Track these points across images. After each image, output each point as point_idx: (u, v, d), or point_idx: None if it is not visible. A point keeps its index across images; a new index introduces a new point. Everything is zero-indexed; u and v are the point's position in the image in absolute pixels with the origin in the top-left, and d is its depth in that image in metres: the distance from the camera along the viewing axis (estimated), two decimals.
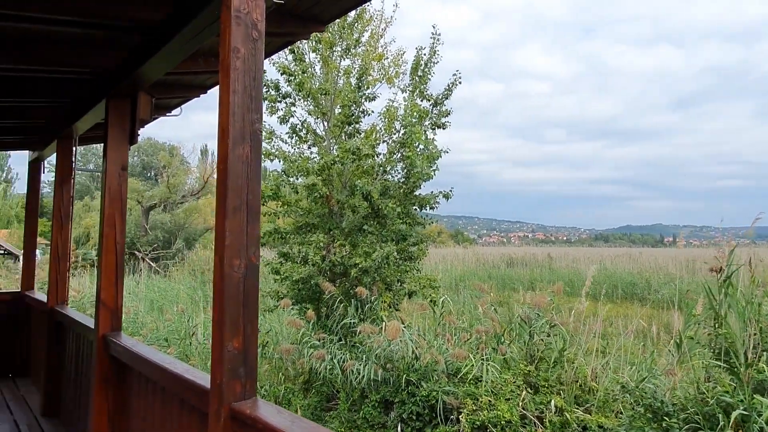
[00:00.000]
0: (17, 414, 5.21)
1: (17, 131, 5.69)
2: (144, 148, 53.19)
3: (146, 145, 53.02)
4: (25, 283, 6.71)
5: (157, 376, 2.88)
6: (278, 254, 11.45)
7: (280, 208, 11.34)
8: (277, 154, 11.21)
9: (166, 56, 2.96)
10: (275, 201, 11.03)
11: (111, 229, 3.64)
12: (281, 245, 11.54)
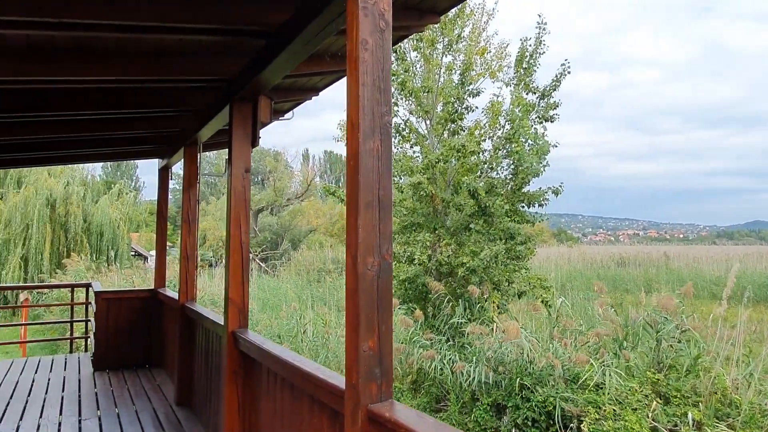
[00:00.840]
0: (155, 402, 5.62)
1: (150, 140, 6.15)
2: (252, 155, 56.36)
3: (254, 152, 56.13)
4: (158, 281, 7.26)
5: (285, 372, 2.92)
6: None
7: None
8: None
9: (287, 59, 3.00)
10: None
11: (237, 230, 3.78)
12: None
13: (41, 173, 19.44)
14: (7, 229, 18.14)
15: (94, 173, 35.85)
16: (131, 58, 3.51)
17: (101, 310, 7.12)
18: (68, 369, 7.10)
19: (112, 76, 3.54)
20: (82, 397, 5.86)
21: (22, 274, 18.18)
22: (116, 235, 20.53)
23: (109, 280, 16.17)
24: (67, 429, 4.87)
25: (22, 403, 5.64)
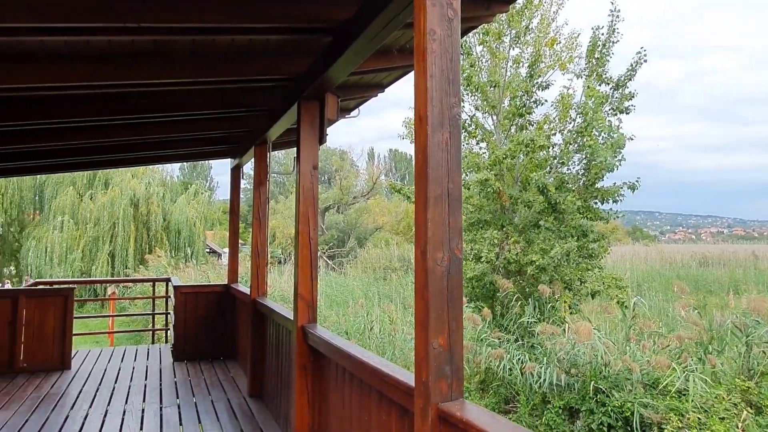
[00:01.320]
0: (229, 393, 5.83)
1: (223, 140, 6.38)
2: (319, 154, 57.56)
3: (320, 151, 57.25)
4: (231, 276, 7.54)
5: (353, 367, 2.92)
6: None
7: None
8: None
9: (353, 55, 3.00)
10: None
11: (305, 226, 3.83)
12: None
13: (125, 174, 20.71)
14: (97, 227, 19.47)
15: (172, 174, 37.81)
16: (205, 60, 3.64)
17: (179, 304, 7.48)
18: (150, 359, 7.51)
19: (187, 78, 3.68)
20: (163, 386, 6.17)
21: (110, 269, 19.46)
22: (192, 233, 21.55)
23: (187, 275, 17.00)
24: (149, 416, 5.14)
25: (110, 389, 6.02)
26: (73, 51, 3.31)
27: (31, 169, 7.60)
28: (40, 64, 3.38)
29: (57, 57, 3.37)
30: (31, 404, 5.46)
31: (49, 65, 3.40)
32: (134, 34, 2.89)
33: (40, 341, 6.86)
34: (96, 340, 12.62)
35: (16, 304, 6.78)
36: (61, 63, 3.41)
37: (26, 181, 19.76)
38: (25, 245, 19.05)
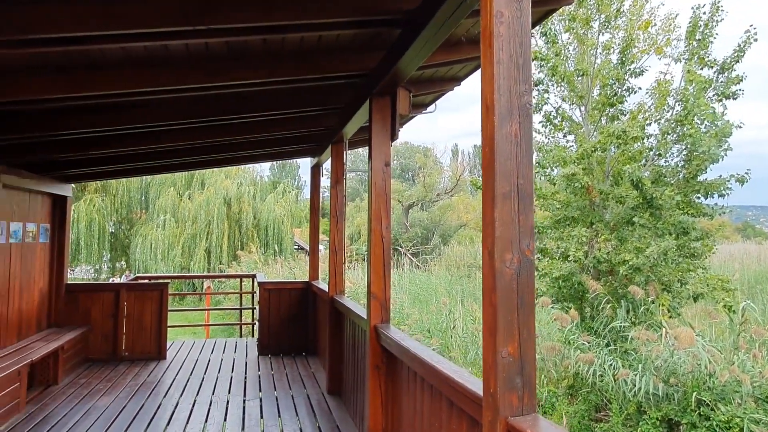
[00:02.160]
0: (309, 389, 5.93)
1: (302, 139, 6.49)
2: (402, 152, 57.78)
3: (404, 148, 57.50)
4: (312, 273, 7.67)
5: (424, 371, 2.82)
6: (535, 250, 10.96)
7: (535, 202, 10.83)
8: None
9: (421, 46, 2.88)
10: None
11: (377, 224, 3.77)
12: (537, 240, 11.03)
13: (219, 175, 21.84)
14: (194, 225, 20.71)
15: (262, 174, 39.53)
16: (277, 59, 3.67)
17: (263, 300, 7.73)
18: (238, 352, 7.82)
19: (262, 78, 3.73)
20: (247, 379, 6.39)
21: (206, 264, 20.63)
22: (281, 230, 22.31)
23: (275, 272, 17.63)
24: (233, 407, 5.33)
25: (199, 380, 6.32)
26: (154, 57, 3.46)
27: (137, 170, 8.15)
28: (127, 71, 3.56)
29: (142, 64, 3.53)
30: (129, 391, 5.85)
31: (137, 71, 3.59)
32: (207, 37, 2.95)
33: (139, 332, 7.35)
34: (194, 332, 13.40)
35: (118, 297, 7.30)
36: (147, 69, 3.58)
37: (134, 183, 21.37)
38: (134, 242, 20.61)
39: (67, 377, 6.33)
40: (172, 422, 4.89)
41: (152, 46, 3.21)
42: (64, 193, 7.06)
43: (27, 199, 6.28)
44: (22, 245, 6.14)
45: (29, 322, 6.34)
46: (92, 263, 20.22)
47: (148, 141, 5.47)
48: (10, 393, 4.93)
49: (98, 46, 2.98)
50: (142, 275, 10.35)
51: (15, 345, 5.82)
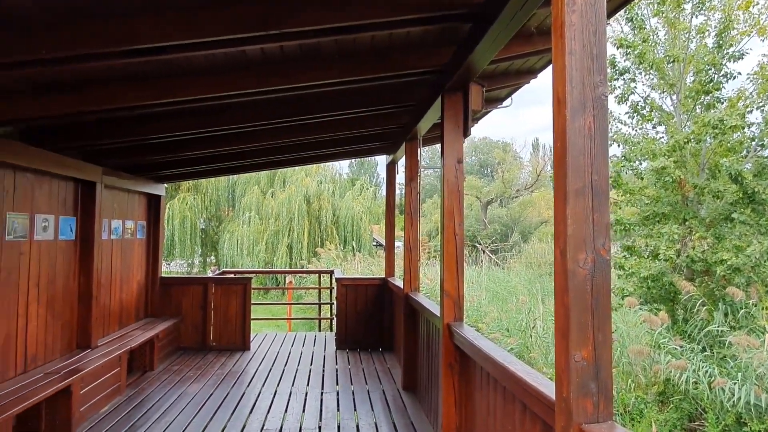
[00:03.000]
0: (385, 384, 5.99)
1: (377, 137, 6.55)
2: (480, 147, 56.87)
3: (482, 144, 56.57)
4: (387, 270, 7.74)
5: (497, 373, 2.76)
6: (621, 248, 10.41)
7: (621, 197, 10.28)
8: (616, 137, 10.20)
9: (493, 39, 2.81)
10: (614, 189, 10.05)
11: (450, 221, 3.73)
12: (624, 238, 10.47)
13: (300, 173, 22.55)
14: (277, 221, 21.53)
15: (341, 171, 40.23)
16: (350, 59, 3.73)
17: (341, 295, 7.89)
18: (317, 345, 8.05)
19: (333, 79, 3.80)
20: (325, 372, 6.56)
21: (288, 260, 21.39)
22: (359, 227, 22.70)
23: (353, 268, 17.96)
24: (311, 399, 5.49)
25: (281, 371, 6.57)
26: (234, 63, 3.62)
27: (222, 170, 8.59)
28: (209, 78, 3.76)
29: (223, 70, 3.71)
30: (216, 379, 6.18)
31: (219, 77, 3.77)
32: (281, 41, 3.05)
33: (225, 323, 7.76)
34: (277, 325, 13.94)
35: (206, 290, 7.74)
36: (228, 74, 3.76)
37: (221, 182, 22.55)
38: (222, 238, 21.77)
39: (162, 364, 6.80)
40: (254, 410, 5.12)
41: (231, 53, 3.36)
42: (158, 192, 7.57)
43: (125, 198, 6.80)
44: (121, 241, 6.66)
45: (129, 312, 6.86)
46: (185, 258, 21.54)
47: (232, 142, 5.74)
48: (112, 376, 5.37)
49: (183, 55, 3.16)
50: (228, 270, 10.91)
51: (117, 332, 6.33)
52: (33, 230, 4.73)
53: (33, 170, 4.68)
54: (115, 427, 4.64)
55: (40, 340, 4.84)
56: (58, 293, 5.14)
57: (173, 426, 4.68)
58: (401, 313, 6.14)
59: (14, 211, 4.46)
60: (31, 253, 4.70)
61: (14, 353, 4.47)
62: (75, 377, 4.51)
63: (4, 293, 4.33)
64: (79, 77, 3.59)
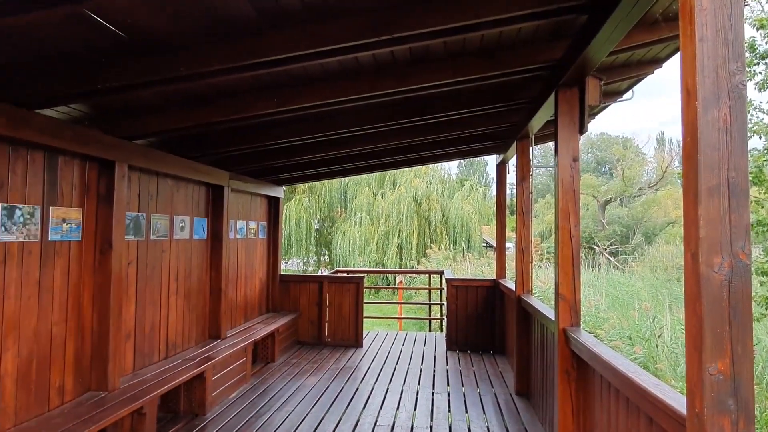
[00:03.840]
0: (496, 388, 5.89)
1: (487, 137, 6.46)
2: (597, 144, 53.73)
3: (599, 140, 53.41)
4: (498, 271, 7.59)
5: (618, 382, 2.61)
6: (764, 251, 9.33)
7: (764, 195, 9.21)
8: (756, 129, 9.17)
9: (612, 30, 2.66)
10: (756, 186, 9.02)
11: (565, 222, 3.59)
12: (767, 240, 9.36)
13: (409, 174, 22.82)
14: (387, 222, 21.97)
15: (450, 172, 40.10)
16: (460, 59, 3.72)
17: (451, 296, 7.87)
18: (427, 345, 8.10)
19: (444, 80, 3.81)
20: (436, 372, 6.58)
21: (398, 260, 21.74)
22: (469, 228, 22.48)
23: (463, 269, 17.82)
24: (422, 399, 5.54)
25: (392, 369, 6.70)
26: (347, 69, 3.77)
27: (335, 173, 8.93)
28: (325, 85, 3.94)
29: (337, 76, 3.88)
30: (332, 373, 6.45)
31: (333, 83, 3.95)
32: (392, 45, 3.12)
33: (339, 320, 8.07)
34: (388, 324, 14.22)
35: (321, 288, 8.10)
36: (342, 81, 3.93)
37: (334, 184, 23.46)
38: (335, 238, 22.65)
39: (282, 356, 7.23)
40: (367, 406, 5.28)
41: (345, 60, 3.50)
42: (277, 194, 8.07)
43: (248, 200, 7.33)
44: (246, 240, 7.18)
45: (252, 307, 7.38)
46: (301, 257, 22.67)
47: (344, 146, 5.97)
48: (239, 366, 5.81)
49: (301, 65, 3.35)
50: (341, 269, 11.31)
51: (242, 325, 6.84)
52: (172, 230, 5.26)
53: (172, 176, 5.20)
54: (243, 413, 5.01)
55: (179, 329, 5.37)
56: (193, 287, 5.66)
57: (293, 415, 4.96)
58: (513, 315, 6.00)
59: (157, 213, 4.99)
60: (171, 251, 5.23)
61: (158, 340, 5.00)
62: (208, 364, 4.94)
63: (151, 286, 4.87)
64: (211, 91, 3.94)
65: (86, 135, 3.77)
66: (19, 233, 3.37)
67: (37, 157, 3.52)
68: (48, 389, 3.62)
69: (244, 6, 2.63)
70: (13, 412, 3.31)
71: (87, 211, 4.02)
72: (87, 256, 4.01)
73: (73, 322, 3.86)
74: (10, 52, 2.85)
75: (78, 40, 2.83)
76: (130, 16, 2.61)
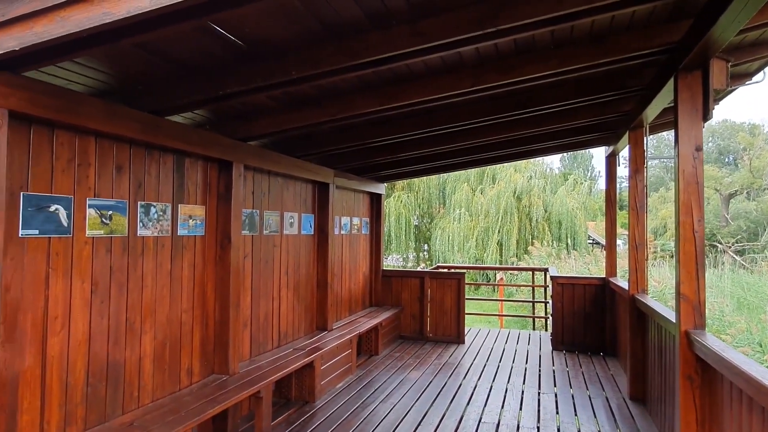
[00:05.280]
0: (608, 391, 5.61)
1: (595, 128, 6.15)
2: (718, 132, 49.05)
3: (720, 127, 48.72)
4: (609, 269, 7.21)
5: (753, 391, 2.38)
6: None
7: None
8: None
9: (741, 6, 2.42)
10: None
11: (687, 217, 3.34)
12: None
13: (509, 169, 22.26)
14: (486, 218, 21.61)
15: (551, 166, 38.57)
16: (567, 48, 3.58)
17: (557, 294, 7.60)
18: (531, 344, 7.89)
19: (550, 70, 3.69)
20: (541, 372, 6.40)
21: (498, 256, 21.32)
22: (573, 224, 21.51)
23: (568, 266, 17.10)
24: (528, 398, 5.41)
25: (495, 367, 6.60)
26: (450, 65, 3.76)
27: (436, 169, 8.94)
28: (428, 81, 3.97)
29: (440, 72, 3.89)
30: (434, 369, 6.49)
31: (436, 80, 3.97)
32: (497, 38, 3.07)
33: (440, 316, 8.08)
34: (488, 321, 14.01)
35: (422, 283, 8.17)
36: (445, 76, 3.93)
37: (433, 180, 23.46)
38: (434, 234, 22.65)
39: (385, 350, 7.38)
40: (471, 403, 5.25)
41: (447, 55, 3.49)
42: (378, 191, 8.23)
43: (352, 197, 7.55)
44: (350, 236, 7.41)
45: (356, 300, 7.61)
46: (400, 253, 22.95)
47: (445, 141, 5.97)
48: (345, 357, 6.02)
49: (405, 62, 3.40)
50: (442, 264, 11.31)
51: (347, 318, 7.08)
52: (282, 226, 5.56)
53: (282, 174, 5.50)
54: (349, 402, 5.19)
55: (289, 320, 5.67)
56: (301, 280, 5.95)
57: (398, 407, 5.06)
58: (626, 316, 5.68)
59: (269, 210, 5.30)
60: (281, 245, 5.53)
61: (271, 329, 5.32)
62: (317, 354, 5.17)
63: (264, 278, 5.18)
64: (318, 92, 4.11)
65: (209, 138, 4.09)
66: (154, 228, 3.74)
67: (168, 160, 3.88)
68: (179, 370, 3.98)
69: (353, 9, 2.72)
70: (151, 389, 3.69)
71: (209, 208, 4.36)
72: (209, 249, 4.36)
73: (198, 310, 4.22)
74: (145, 64, 3.16)
75: (202, 51, 3.09)
76: (248, 25, 2.80)
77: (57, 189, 2.98)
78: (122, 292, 3.45)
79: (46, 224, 2.91)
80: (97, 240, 3.26)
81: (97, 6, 2.14)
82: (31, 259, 2.83)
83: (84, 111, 2.95)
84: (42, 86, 2.73)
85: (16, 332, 2.75)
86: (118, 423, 3.31)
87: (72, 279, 3.08)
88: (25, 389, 2.79)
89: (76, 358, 3.09)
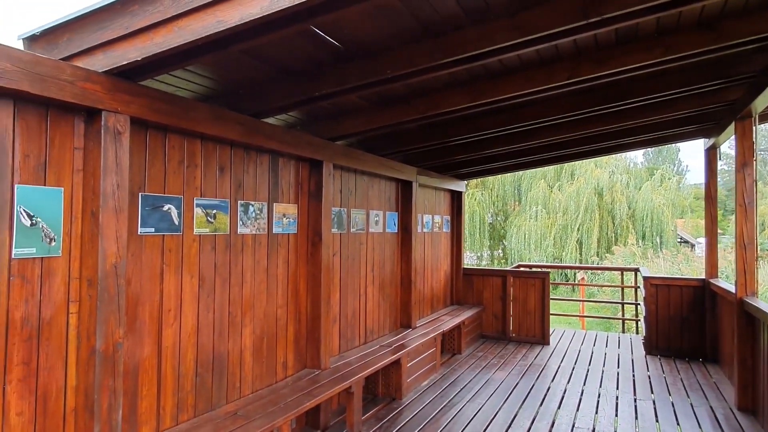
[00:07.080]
0: (712, 400, 5.25)
1: (693, 120, 5.77)
2: None
3: None
4: (709, 270, 6.75)
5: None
6: None
7: None
8: None
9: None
10: None
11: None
12: None
13: (589, 165, 21.37)
14: (565, 215, 20.87)
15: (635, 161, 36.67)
16: (673, 35, 3.38)
17: (650, 296, 7.20)
18: (621, 348, 7.53)
19: (653, 59, 3.49)
20: (636, 377, 6.08)
21: (578, 255, 20.54)
22: (661, 221, 20.36)
23: (656, 266, 16.20)
24: (623, 404, 5.17)
25: (584, 370, 6.36)
26: (545, 58, 3.65)
27: (516, 166, 8.75)
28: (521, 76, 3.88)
29: (535, 66, 3.79)
30: (519, 370, 6.34)
31: (529, 74, 3.87)
32: (597, 28, 2.94)
33: (524, 316, 7.89)
34: (568, 322, 13.54)
35: (505, 282, 8.01)
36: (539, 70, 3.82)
37: (507, 177, 22.95)
38: (509, 232, 22.19)
39: (467, 349, 7.30)
40: (562, 406, 5.09)
41: (543, 48, 3.39)
42: (459, 189, 8.15)
43: (433, 195, 7.52)
44: (431, 234, 7.39)
45: (438, 298, 7.58)
46: (475, 251, 22.65)
47: (530, 137, 5.81)
48: (429, 355, 6.01)
49: (498, 58, 3.33)
50: (523, 263, 11.04)
51: (429, 316, 7.06)
52: (368, 224, 5.62)
53: (368, 173, 5.57)
54: (435, 401, 5.18)
55: (375, 317, 5.73)
56: (386, 278, 6.00)
57: (486, 408, 4.99)
58: (732, 320, 5.29)
59: (356, 208, 5.38)
60: (367, 243, 5.60)
61: (358, 326, 5.40)
62: (403, 352, 5.20)
63: (351, 275, 5.27)
64: (408, 90, 4.12)
65: (301, 138, 4.21)
66: (252, 227, 3.90)
67: (264, 160, 4.03)
68: (275, 364, 4.13)
69: (452, 5, 2.70)
70: (251, 380, 3.85)
71: (301, 206, 4.49)
72: (301, 247, 4.49)
73: (292, 306, 4.35)
74: (247, 69, 3.30)
75: (300, 54, 3.17)
76: (346, 27, 2.85)
77: (169, 189, 3.17)
78: (225, 288, 3.62)
79: (160, 222, 3.11)
80: (203, 237, 3.44)
81: (211, 15, 2.25)
82: (148, 255, 3.03)
83: (193, 116, 3.11)
84: (157, 93, 2.90)
85: (137, 323, 2.95)
86: (223, 412, 3.47)
87: (182, 274, 3.26)
88: (144, 377, 2.99)
89: (186, 349, 3.28)
